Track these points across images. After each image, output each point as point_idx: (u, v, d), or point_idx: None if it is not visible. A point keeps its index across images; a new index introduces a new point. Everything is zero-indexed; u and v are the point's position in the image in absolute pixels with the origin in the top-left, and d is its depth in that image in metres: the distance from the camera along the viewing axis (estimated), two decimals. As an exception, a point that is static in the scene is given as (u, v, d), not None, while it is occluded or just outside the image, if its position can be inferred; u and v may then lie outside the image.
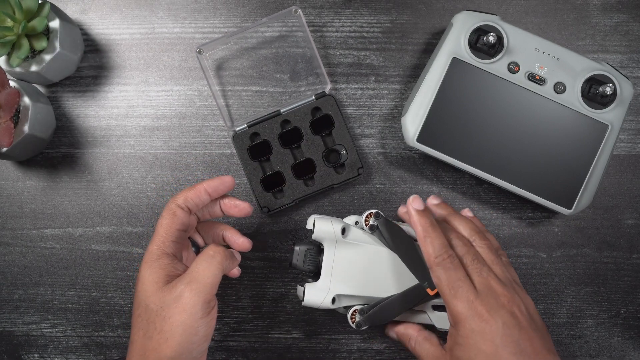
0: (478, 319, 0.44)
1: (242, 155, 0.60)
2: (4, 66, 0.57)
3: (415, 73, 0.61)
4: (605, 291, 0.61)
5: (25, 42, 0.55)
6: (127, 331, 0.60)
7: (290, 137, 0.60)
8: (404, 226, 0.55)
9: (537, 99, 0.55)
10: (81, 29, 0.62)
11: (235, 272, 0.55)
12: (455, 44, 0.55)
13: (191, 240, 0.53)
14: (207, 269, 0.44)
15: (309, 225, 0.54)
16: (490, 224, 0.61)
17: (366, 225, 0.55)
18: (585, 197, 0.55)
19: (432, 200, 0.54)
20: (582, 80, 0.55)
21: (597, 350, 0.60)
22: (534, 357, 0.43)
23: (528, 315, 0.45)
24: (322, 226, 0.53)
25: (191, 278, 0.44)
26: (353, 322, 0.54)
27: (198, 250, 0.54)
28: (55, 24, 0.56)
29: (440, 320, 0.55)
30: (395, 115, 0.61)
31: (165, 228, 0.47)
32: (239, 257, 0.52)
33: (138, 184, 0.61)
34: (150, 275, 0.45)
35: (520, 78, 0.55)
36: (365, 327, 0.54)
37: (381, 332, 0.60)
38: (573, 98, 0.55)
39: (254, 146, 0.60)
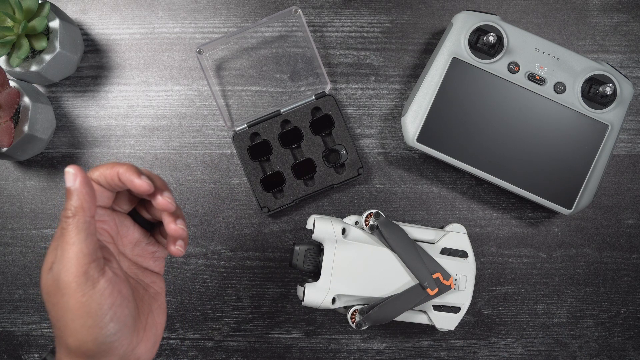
0: None
1: (242, 155, 0.60)
2: (4, 66, 0.57)
3: (415, 73, 0.61)
4: (605, 291, 0.61)
5: (25, 42, 0.55)
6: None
7: (290, 137, 0.60)
8: (404, 226, 0.55)
9: (537, 99, 0.55)
10: (81, 29, 0.62)
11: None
12: (455, 44, 0.55)
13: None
14: (71, 234, 0.37)
15: (309, 225, 0.54)
16: (490, 224, 0.61)
17: (366, 225, 0.55)
18: (585, 197, 0.55)
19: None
20: (582, 80, 0.55)
21: (597, 350, 0.60)
22: None
23: None
24: (322, 226, 0.53)
25: (60, 254, 0.37)
26: (353, 322, 0.54)
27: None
28: (55, 24, 0.56)
29: (440, 320, 0.55)
30: (395, 115, 0.61)
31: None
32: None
33: (138, 184, 0.61)
34: (45, 259, 0.39)
35: (520, 78, 0.55)
36: (365, 327, 0.54)
37: (381, 332, 0.60)
38: (573, 98, 0.55)
39: (254, 146, 0.60)
